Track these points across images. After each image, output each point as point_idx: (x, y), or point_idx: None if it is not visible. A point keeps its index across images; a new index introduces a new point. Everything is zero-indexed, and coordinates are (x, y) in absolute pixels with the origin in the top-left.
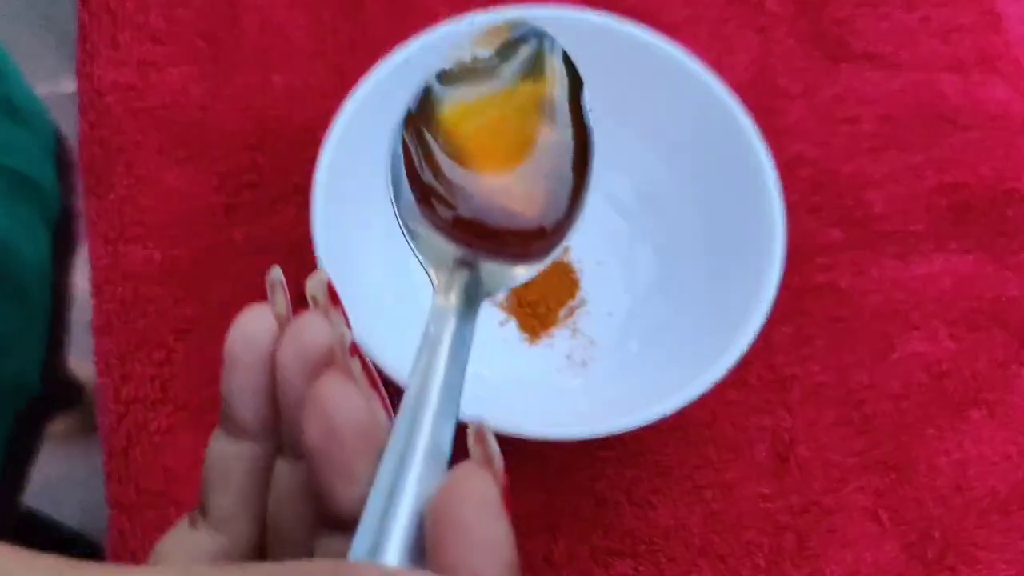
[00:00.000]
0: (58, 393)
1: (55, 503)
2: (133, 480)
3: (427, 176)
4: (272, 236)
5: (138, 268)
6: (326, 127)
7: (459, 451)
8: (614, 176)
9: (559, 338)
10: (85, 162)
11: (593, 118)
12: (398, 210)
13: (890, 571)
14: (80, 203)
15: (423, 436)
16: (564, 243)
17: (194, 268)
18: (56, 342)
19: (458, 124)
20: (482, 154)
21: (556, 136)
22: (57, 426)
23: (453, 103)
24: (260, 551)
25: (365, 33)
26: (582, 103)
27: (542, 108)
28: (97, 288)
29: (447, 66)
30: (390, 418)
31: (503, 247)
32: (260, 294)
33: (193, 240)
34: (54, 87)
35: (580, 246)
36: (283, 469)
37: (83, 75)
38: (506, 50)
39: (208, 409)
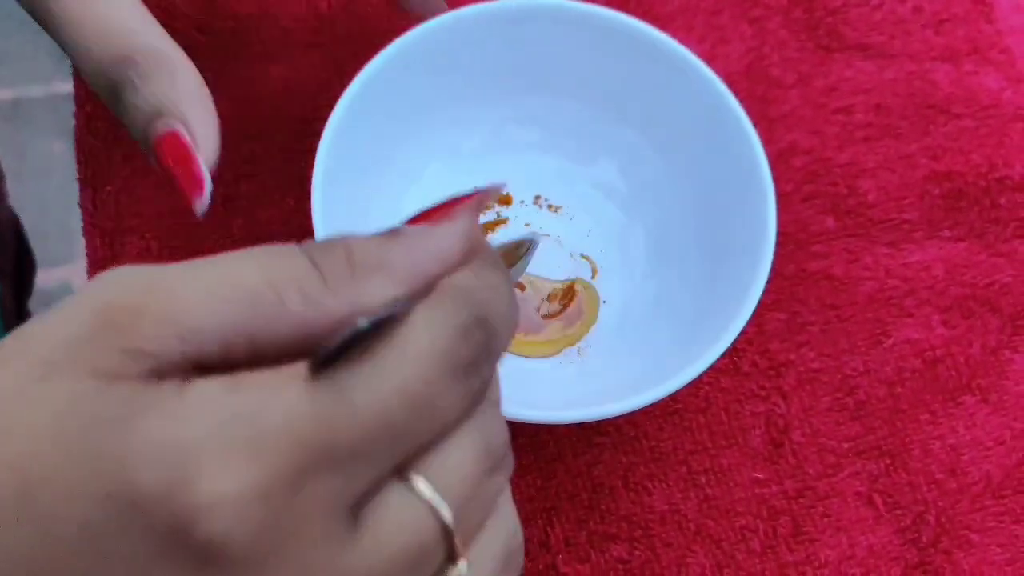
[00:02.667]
0: None
1: None
2: None
3: None
4: (270, 227)
5: (135, 259)
6: (324, 118)
7: None
8: (607, 165)
9: None
10: (82, 154)
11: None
12: None
13: (884, 555)
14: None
15: None
16: None
17: (191, 259)
18: None
19: None
20: None
21: None
22: None
23: None
24: None
25: (363, 24)
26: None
27: None
28: None
29: None
30: None
31: None
32: None
33: (190, 231)
34: (47, 88)
35: (576, 235)
36: None
37: None
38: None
39: None
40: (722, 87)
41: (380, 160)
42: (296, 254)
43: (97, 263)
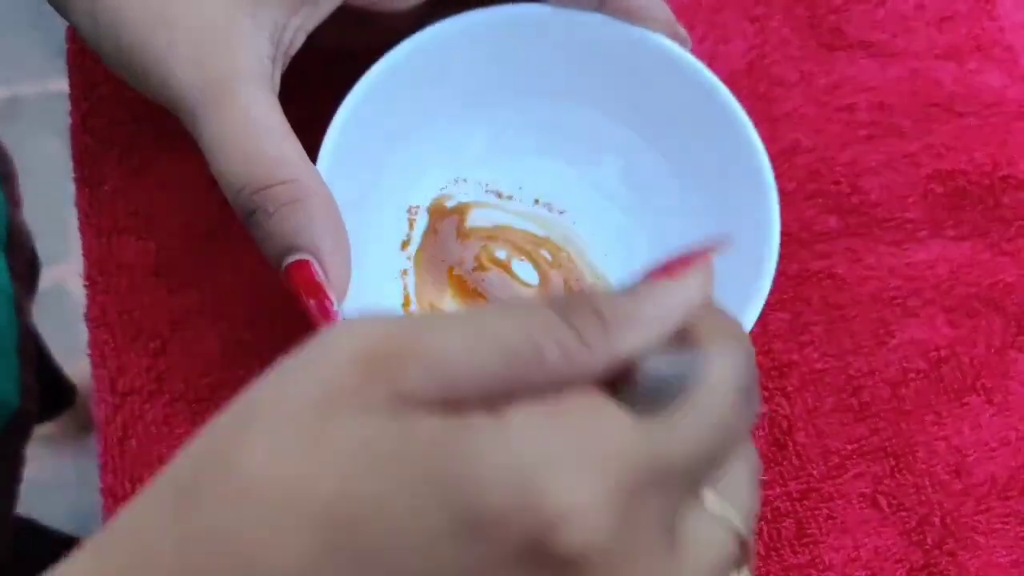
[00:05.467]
0: (42, 404)
1: (44, 505)
2: (128, 471)
3: None
4: None
5: (133, 259)
6: (328, 116)
7: None
8: (609, 169)
9: None
10: (77, 153)
11: None
12: None
13: (890, 557)
14: (18, 214)
15: None
16: None
17: (190, 259)
18: (27, 356)
19: None
20: None
21: None
22: (47, 428)
23: None
24: None
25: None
26: None
27: None
28: (91, 280)
29: None
30: None
31: None
32: (257, 284)
33: (189, 230)
34: (42, 86)
35: (583, 241)
36: None
37: (74, 67)
38: None
39: (203, 399)
40: (722, 88)
41: (380, 167)
42: (548, 312)
43: (93, 264)
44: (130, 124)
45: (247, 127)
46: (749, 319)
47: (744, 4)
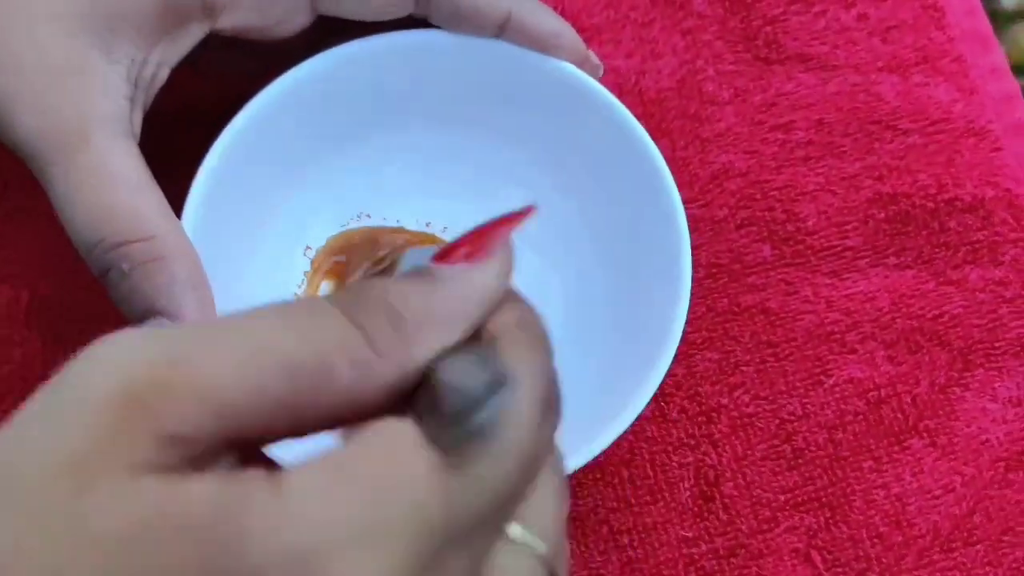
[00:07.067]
0: None
1: None
2: None
3: None
4: None
5: (3, 310)
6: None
7: None
8: (515, 205)
9: None
10: None
11: None
12: None
13: None
14: None
15: None
16: None
17: (67, 310)
18: None
19: None
20: None
21: None
22: None
23: None
24: None
25: None
26: None
27: None
28: None
29: None
30: None
31: None
32: None
33: (66, 279)
34: None
35: None
36: None
37: None
38: None
39: None
40: (633, 121)
41: (266, 209)
42: (334, 314)
43: None
44: (8, 160)
45: (100, 179)
46: (661, 367)
47: (675, 16)
